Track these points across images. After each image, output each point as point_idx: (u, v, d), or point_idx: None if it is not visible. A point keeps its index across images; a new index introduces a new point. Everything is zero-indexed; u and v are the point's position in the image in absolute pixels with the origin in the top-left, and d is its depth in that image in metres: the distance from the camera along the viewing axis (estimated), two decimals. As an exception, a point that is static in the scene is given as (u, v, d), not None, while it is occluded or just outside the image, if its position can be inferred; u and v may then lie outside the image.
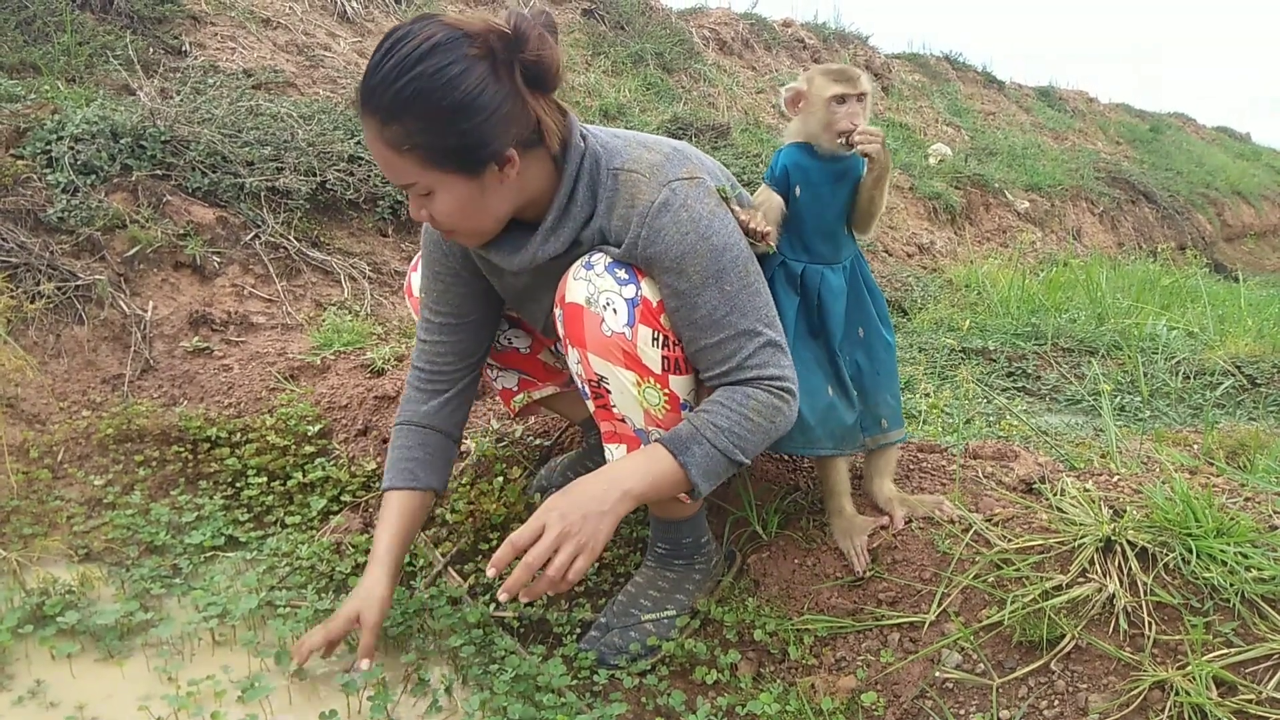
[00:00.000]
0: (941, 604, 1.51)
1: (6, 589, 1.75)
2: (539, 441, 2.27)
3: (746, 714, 1.46)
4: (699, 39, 8.57)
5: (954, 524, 1.62)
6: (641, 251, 1.44)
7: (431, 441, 1.72)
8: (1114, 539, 1.44)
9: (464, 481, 2.10)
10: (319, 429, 2.37)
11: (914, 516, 1.68)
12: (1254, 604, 1.33)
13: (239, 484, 2.23)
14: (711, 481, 1.45)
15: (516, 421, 2.31)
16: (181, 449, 2.32)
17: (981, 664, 1.43)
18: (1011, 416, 2.91)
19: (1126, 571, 1.41)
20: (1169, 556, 1.41)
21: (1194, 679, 1.26)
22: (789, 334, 1.54)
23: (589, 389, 1.50)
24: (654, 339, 1.46)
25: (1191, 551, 1.40)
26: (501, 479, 2.06)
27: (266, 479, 2.21)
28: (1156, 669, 1.30)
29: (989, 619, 1.45)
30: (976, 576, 1.51)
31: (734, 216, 1.49)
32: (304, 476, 2.21)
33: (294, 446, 2.31)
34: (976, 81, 12.42)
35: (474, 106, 1.33)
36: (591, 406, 1.53)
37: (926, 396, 2.94)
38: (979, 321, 4.52)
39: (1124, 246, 9.29)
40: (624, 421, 1.50)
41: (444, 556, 1.92)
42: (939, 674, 1.44)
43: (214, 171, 3.39)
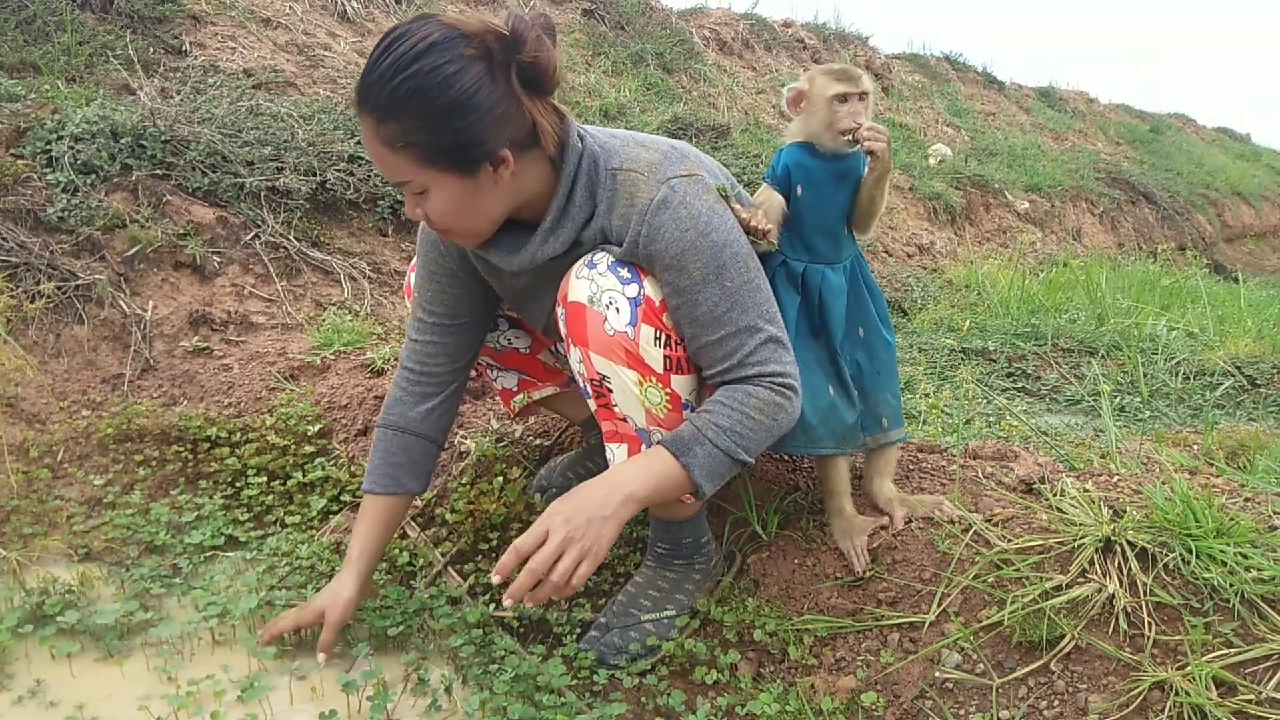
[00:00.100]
0: (941, 604, 1.52)
1: (6, 588, 1.75)
2: (539, 441, 2.27)
3: (746, 714, 1.46)
4: (699, 39, 8.57)
5: (954, 524, 1.62)
6: (643, 249, 1.44)
7: (416, 447, 1.73)
8: (1114, 539, 1.44)
9: (464, 481, 2.10)
10: (319, 429, 2.38)
11: (914, 517, 1.68)
12: (1254, 604, 1.33)
13: (239, 484, 2.23)
14: (715, 482, 1.45)
15: (516, 421, 2.32)
16: (181, 449, 2.32)
17: (981, 664, 1.43)
18: (1011, 417, 2.91)
19: (1126, 572, 1.41)
20: (1169, 557, 1.41)
21: (1194, 679, 1.26)
22: (790, 333, 1.54)
23: (591, 388, 1.50)
24: (656, 338, 1.46)
25: (1191, 552, 1.40)
26: (501, 479, 2.06)
27: (266, 479, 2.21)
28: (1156, 669, 1.30)
29: (989, 619, 1.45)
30: (976, 577, 1.51)
31: (734, 215, 1.49)
32: (304, 476, 2.21)
33: (294, 446, 2.31)
34: (976, 82, 12.42)
35: (469, 106, 1.33)
36: (593, 406, 1.53)
37: (926, 397, 2.95)
38: (979, 322, 4.53)
39: (1124, 247, 9.29)
40: (625, 421, 1.50)
41: (444, 556, 1.92)
42: (939, 674, 1.44)
43: (214, 171, 3.39)
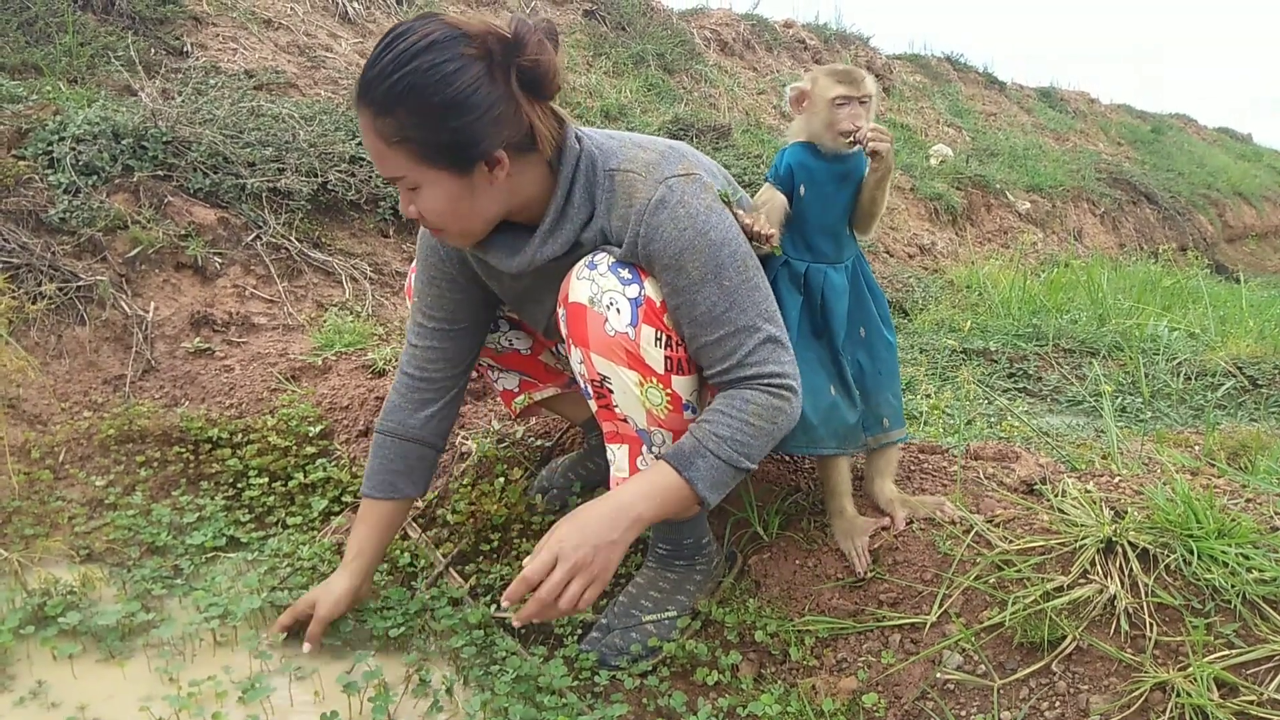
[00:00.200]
0: (943, 605, 1.51)
1: (8, 590, 1.75)
2: (540, 443, 2.27)
3: (747, 715, 1.46)
4: (700, 40, 8.57)
5: (955, 525, 1.62)
6: (642, 250, 1.44)
7: (414, 454, 1.74)
8: (1115, 540, 1.44)
9: (465, 482, 2.10)
10: (320, 430, 2.38)
11: (915, 517, 1.67)
12: (1255, 605, 1.33)
13: (240, 485, 2.23)
14: (720, 492, 1.46)
15: (517, 422, 2.32)
16: (183, 450, 2.32)
17: (983, 665, 1.43)
18: (1012, 417, 2.90)
19: (1128, 573, 1.41)
20: (1170, 558, 1.41)
21: (1195, 680, 1.26)
22: (792, 333, 1.55)
23: (592, 389, 1.50)
24: (657, 339, 1.46)
25: (1193, 553, 1.39)
26: (503, 480, 2.06)
27: (268, 480, 2.21)
28: (1158, 670, 1.30)
29: (990, 620, 1.45)
30: (978, 578, 1.51)
31: (737, 220, 1.49)
32: (305, 477, 2.21)
33: (295, 447, 2.31)
34: (978, 82, 12.42)
35: (466, 105, 1.33)
36: (594, 406, 1.53)
37: (928, 397, 2.94)
38: (980, 322, 4.52)
39: (1125, 247, 9.29)
40: (626, 422, 1.50)
41: (445, 557, 1.92)
42: (940, 675, 1.44)
43: (215, 172, 3.39)
